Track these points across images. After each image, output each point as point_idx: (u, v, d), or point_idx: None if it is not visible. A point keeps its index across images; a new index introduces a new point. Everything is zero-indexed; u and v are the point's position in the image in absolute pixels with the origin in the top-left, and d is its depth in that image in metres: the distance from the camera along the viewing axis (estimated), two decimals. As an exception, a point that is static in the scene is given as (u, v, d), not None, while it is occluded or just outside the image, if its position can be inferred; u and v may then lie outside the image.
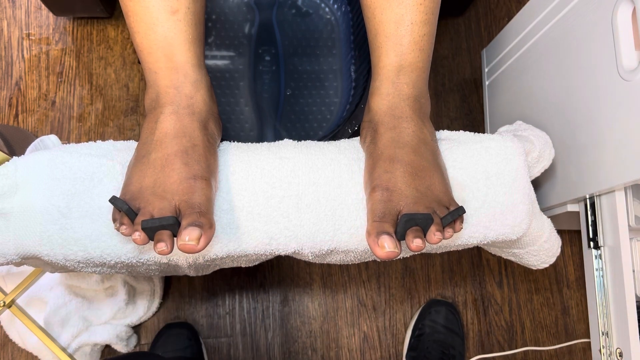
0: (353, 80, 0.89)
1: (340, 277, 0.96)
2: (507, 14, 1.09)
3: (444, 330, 0.91)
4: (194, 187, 0.49)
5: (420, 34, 0.53)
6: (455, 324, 0.93)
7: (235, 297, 0.94)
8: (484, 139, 0.60)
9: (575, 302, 1.00)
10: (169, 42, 0.51)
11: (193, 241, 0.45)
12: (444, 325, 0.92)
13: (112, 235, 0.52)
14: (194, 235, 0.45)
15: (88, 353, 0.86)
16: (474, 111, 1.04)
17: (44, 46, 0.98)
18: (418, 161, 0.52)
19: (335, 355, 0.94)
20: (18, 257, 0.53)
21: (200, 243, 0.45)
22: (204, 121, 0.53)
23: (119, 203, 0.47)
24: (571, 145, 0.69)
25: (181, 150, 0.50)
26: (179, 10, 0.51)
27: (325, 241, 0.55)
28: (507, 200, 0.57)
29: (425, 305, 0.94)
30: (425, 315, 0.93)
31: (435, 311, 0.93)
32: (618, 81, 0.59)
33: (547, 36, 0.75)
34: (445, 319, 0.92)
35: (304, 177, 0.55)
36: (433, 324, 0.92)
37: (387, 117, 0.55)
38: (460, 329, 0.94)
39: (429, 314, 0.93)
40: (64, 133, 0.96)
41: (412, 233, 0.48)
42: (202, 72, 0.54)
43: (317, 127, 0.89)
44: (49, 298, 0.84)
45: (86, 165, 0.54)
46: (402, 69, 0.54)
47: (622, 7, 0.59)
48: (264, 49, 0.91)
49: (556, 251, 0.66)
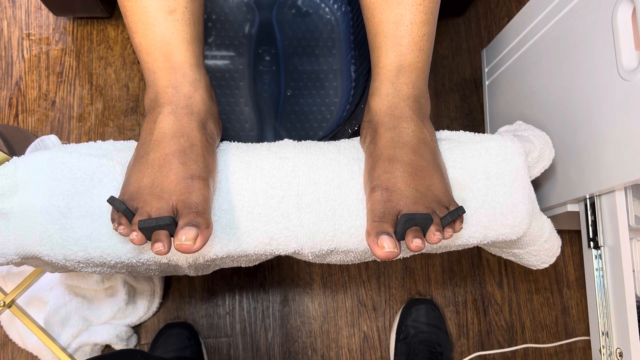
0: (353, 80, 0.89)
1: (340, 277, 0.96)
2: (507, 14, 1.09)
3: (427, 329, 0.90)
4: (192, 187, 0.49)
5: (419, 34, 0.54)
6: (437, 319, 0.92)
7: (235, 297, 0.94)
8: (484, 139, 0.60)
9: (575, 302, 1.00)
10: (166, 42, 0.51)
11: (189, 241, 0.45)
12: (426, 323, 0.90)
13: (112, 235, 0.52)
14: (190, 235, 0.45)
15: (88, 353, 0.86)
16: (474, 111, 1.04)
17: (44, 46, 0.98)
18: (418, 161, 0.52)
19: (335, 355, 0.94)
20: (18, 257, 0.53)
21: (196, 243, 0.45)
22: (202, 121, 0.53)
23: (116, 203, 0.47)
24: (571, 145, 0.69)
25: (179, 150, 0.50)
26: (176, 9, 0.51)
27: (325, 241, 0.55)
28: (507, 200, 0.57)
29: (405, 305, 0.93)
30: (407, 316, 0.92)
31: (416, 310, 0.91)
32: (618, 81, 0.59)
33: (547, 36, 0.75)
34: (427, 317, 0.91)
35: (304, 177, 0.55)
36: (416, 323, 0.90)
37: (387, 117, 0.55)
38: (443, 324, 0.93)
39: (410, 315, 0.91)
40: (64, 133, 0.96)
41: (411, 233, 0.48)
42: (201, 71, 0.54)
43: (317, 127, 0.89)
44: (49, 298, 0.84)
45: (86, 165, 0.54)
46: (401, 69, 0.54)
47: (622, 7, 0.59)
48: (264, 49, 0.91)
49: (556, 251, 0.66)
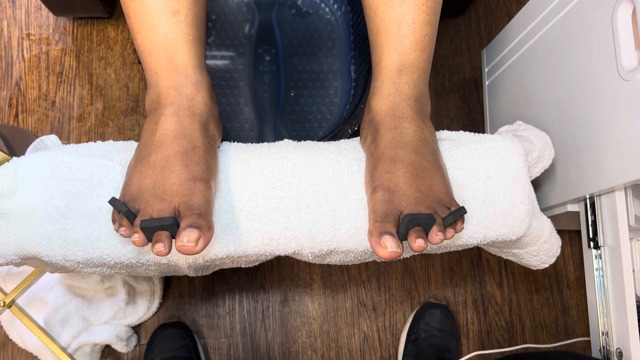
0: (353, 80, 0.89)
1: (340, 277, 0.96)
2: (507, 14, 1.09)
3: (439, 334, 0.90)
4: (194, 189, 0.49)
5: (422, 34, 0.53)
6: (450, 326, 0.92)
7: (235, 297, 0.94)
8: (484, 139, 0.60)
9: (575, 302, 1.00)
10: (170, 43, 0.51)
11: (191, 243, 0.45)
12: (439, 328, 0.91)
13: (112, 235, 0.52)
14: (192, 237, 0.45)
15: (88, 353, 0.86)
16: (474, 111, 1.04)
17: (44, 46, 0.98)
18: (419, 161, 0.52)
19: (335, 355, 0.94)
20: (18, 257, 0.53)
21: (198, 245, 0.45)
22: (204, 122, 0.53)
23: (118, 204, 0.47)
24: (571, 145, 0.69)
25: (181, 151, 0.50)
26: (180, 11, 0.51)
27: (325, 241, 0.55)
28: (507, 201, 0.57)
29: (420, 308, 0.93)
30: (420, 319, 0.92)
31: (430, 314, 0.91)
32: (618, 81, 0.59)
33: (547, 36, 0.75)
34: (440, 322, 0.91)
35: (304, 177, 0.55)
36: (428, 327, 0.90)
37: (388, 118, 0.55)
38: (456, 331, 0.93)
39: (423, 317, 0.91)
40: (64, 133, 0.96)
41: (414, 233, 0.48)
42: (203, 73, 0.54)
43: (317, 127, 0.89)
44: (49, 298, 0.84)
45: (86, 165, 0.54)
46: (403, 69, 0.54)
47: (622, 7, 0.59)
48: (264, 49, 0.91)
49: (556, 251, 0.66)
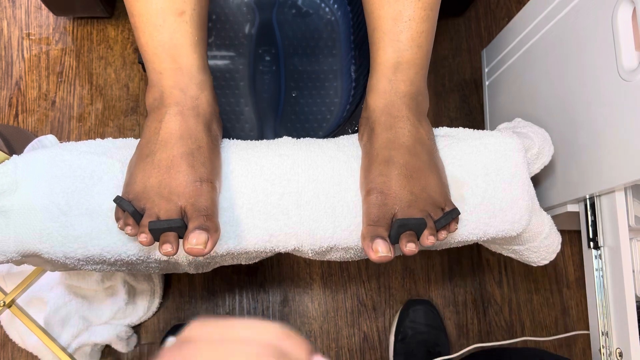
0: (353, 80, 0.89)
1: (340, 277, 0.96)
2: (507, 14, 1.09)
3: (426, 330, 0.91)
4: (200, 190, 0.49)
5: (418, 30, 0.53)
6: (435, 319, 0.92)
7: (235, 297, 0.93)
8: (483, 136, 0.60)
9: (575, 302, 1.00)
10: (174, 44, 0.51)
11: (200, 245, 0.46)
12: (425, 323, 0.91)
13: (112, 232, 0.52)
14: (201, 239, 0.46)
15: (88, 353, 0.86)
16: (474, 111, 1.04)
17: (44, 46, 0.99)
18: (413, 162, 0.53)
19: (335, 355, 0.93)
20: (18, 254, 0.53)
21: (207, 247, 0.46)
22: (208, 122, 0.53)
23: (124, 204, 0.47)
24: (571, 146, 0.69)
25: (187, 152, 0.50)
26: (185, 11, 0.51)
27: (325, 238, 0.55)
28: (506, 197, 0.58)
29: (403, 307, 0.94)
30: (405, 317, 0.92)
31: (414, 311, 0.92)
32: (618, 81, 0.59)
33: (547, 36, 0.75)
34: (425, 317, 0.92)
35: (304, 174, 0.55)
36: (414, 324, 0.91)
37: (383, 116, 0.55)
38: (442, 323, 0.93)
39: (408, 315, 0.92)
40: (64, 133, 0.96)
41: (405, 237, 0.50)
42: (206, 73, 0.54)
43: (317, 127, 0.89)
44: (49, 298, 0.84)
45: (86, 162, 0.54)
46: (399, 66, 0.54)
47: (622, 8, 0.59)
48: (264, 49, 0.91)
49: (556, 247, 0.66)
